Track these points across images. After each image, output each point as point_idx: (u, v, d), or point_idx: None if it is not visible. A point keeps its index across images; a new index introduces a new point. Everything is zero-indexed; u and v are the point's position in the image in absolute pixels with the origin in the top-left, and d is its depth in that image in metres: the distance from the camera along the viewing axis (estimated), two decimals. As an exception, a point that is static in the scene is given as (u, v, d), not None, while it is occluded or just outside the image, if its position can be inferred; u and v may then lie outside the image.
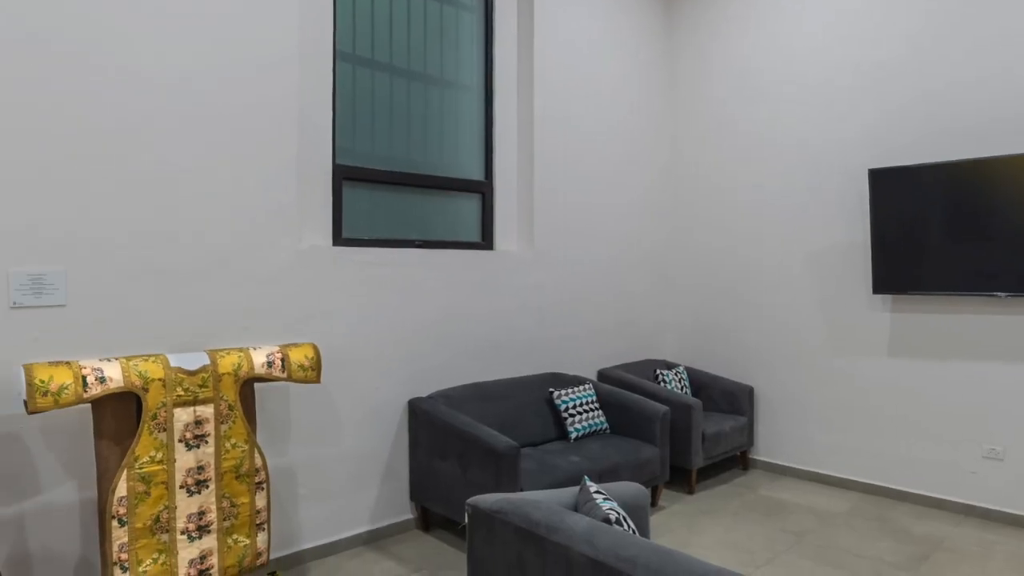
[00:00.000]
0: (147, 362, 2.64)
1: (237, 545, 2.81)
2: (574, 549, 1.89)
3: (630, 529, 2.09)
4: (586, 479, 2.34)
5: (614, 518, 2.05)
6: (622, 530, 1.92)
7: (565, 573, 1.91)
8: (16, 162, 2.62)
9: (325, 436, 3.49)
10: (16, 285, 2.62)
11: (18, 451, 2.65)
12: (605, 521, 2.03)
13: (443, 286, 3.96)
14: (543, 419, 4.10)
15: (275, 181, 3.29)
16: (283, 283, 3.32)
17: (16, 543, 2.65)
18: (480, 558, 2.21)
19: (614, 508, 2.12)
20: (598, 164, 4.89)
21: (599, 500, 2.16)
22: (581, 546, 1.88)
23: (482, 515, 2.20)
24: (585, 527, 1.94)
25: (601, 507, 2.10)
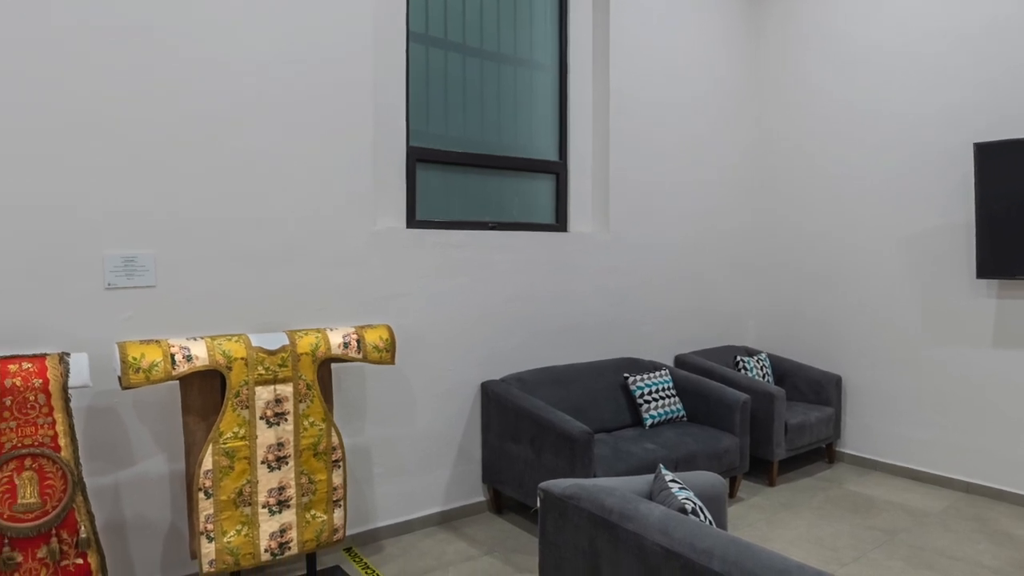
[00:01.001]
0: (230, 341, 2.77)
1: (315, 520, 2.93)
2: (648, 538, 1.88)
3: (706, 520, 2.06)
4: (661, 467, 2.32)
5: (690, 508, 2.02)
6: (698, 521, 1.90)
7: (639, 562, 1.91)
8: (111, 149, 2.78)
9: (399, 416, 3.58)
10: (110, 267, 2.80)
11: (114, 424, 2.84)
12: (680, 511, 2.01)
13: (516, 268, 3.98)
14: (617, 405, 4.08)
15: (351, 165, 3.37)
16: (358, 265, 3.42)
17: (113, 510, 2.85)
18: (552, 543, 2.23)
19: (690, 498, 2.10)
20: (676, 142, 4.79)
21: (674, 489, 2.14)
22: (655, 535, 1.87)
23: (554, 500, 2.22)
24: (660, 516, 1.93)
25: (676, 496, 2.08)
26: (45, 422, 2.39)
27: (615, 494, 2.09)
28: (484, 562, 3.28)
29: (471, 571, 3.19)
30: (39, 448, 2.37)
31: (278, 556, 2.83)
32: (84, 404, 2.76)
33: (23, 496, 2.34)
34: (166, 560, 2.98)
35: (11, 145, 2.60)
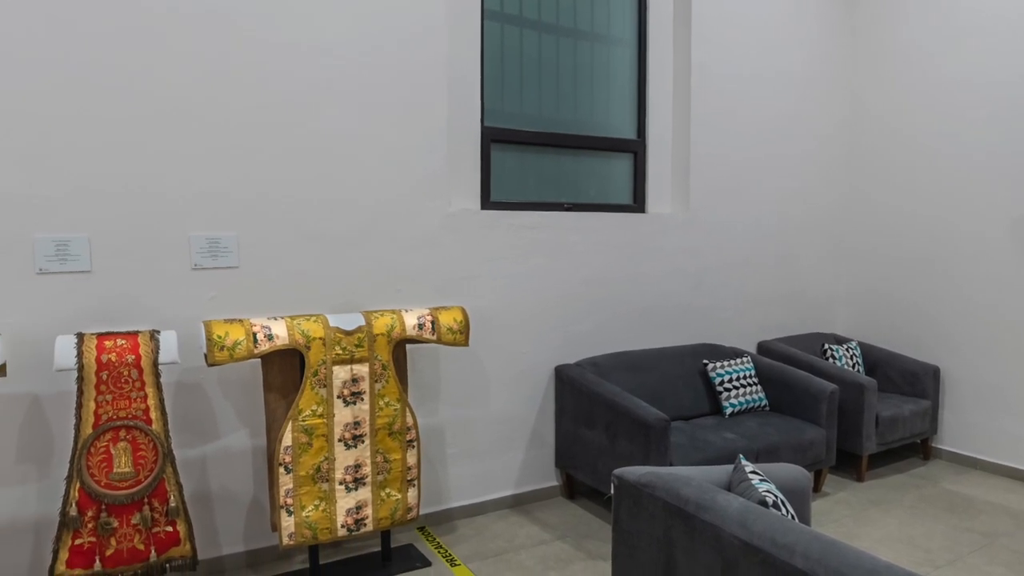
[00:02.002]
0: (309, 321, 2.88)
1: (390, 499, 3.02)
2: (725, 530, 1.86)
3: (788, 514, 2.02)
4: (741, 458, 2.28)
5: (771, 501, 1.99)
6: (779, 514, 1.86)
7: (715, 554, 1.89)
8: (195, 134, 2.92)
9: (473, 398, 3.64)
10: (196, 248, 2.94)
11: (201, 399, 3.01)
12: (761, 504, 1.98)
13: (593, 250, 3.96)
14: (695, 392, 4.03)
15: (425, 146, 3.42)
16: (433, 247, 3.47)
17: (199, 481, 3.02)
18: (626, 531, 2.24)
19: (771, 490, 2.06)
20: (762, 118, 4.64)
21: (755, 481, 2.10)
22: (733, 528, 1.85)
23: (629, 487, 2.22)
24: (738, 508, 1.90)
25: (757, 488, 2.05)
26: (138, 396, 2.54)
27: (692, 484, 2.07)
28: (556, 547, 3.32)
29: (543, 555, 3.23)
30: (133, 420, 2.53)
31: (354, 532, 2.94)
32: (173, 380, 2.92)
33: (118, 465, 2.51)
34: (248, 531, 3.14)
35: (104, 133, 2.76)
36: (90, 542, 2.49)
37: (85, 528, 2.48)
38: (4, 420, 2.69)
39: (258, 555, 3.16)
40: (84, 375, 2.47)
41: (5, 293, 2.66)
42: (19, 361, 2.67)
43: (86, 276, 2.77)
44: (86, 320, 2.77)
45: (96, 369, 2.48)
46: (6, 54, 2.59)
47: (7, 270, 2.65)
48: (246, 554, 3.14)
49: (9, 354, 2.65)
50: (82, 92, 2.72)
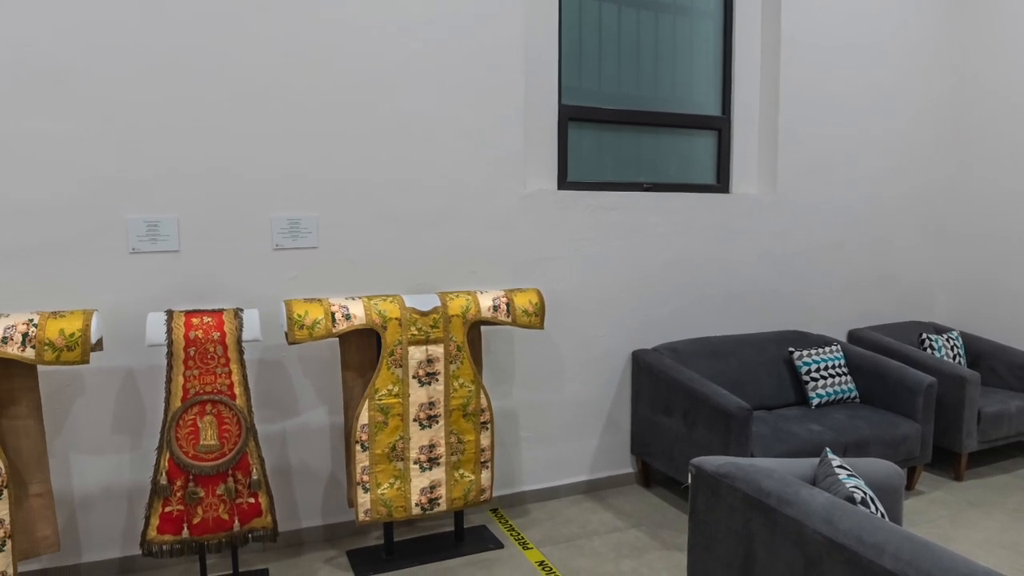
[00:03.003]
0: (385, 302, 2.95)
1: (463, 480, 3.08)
2: (809, 526, 1.82)
3: (878, 512, 1.95)
4: (828, 451, 2.21)
5: (859, 498, 1.93)
6: (868, 512, 1.80)
7: (797, 551, 1.85)
8: (274, 116, 3.01)
9: (547, 382, 3.66)
10: (277, 229, 3.05)
11: (282, 377, 3.13)
12: (848, 500, 1.92)
13: (673, 232, 3.89)
14: (779, 381, 3.92)
15: (501, 125, 3.43)
16: (508, 228, 3.49)
17: (279, 455, 3.16)
18: (703, 522, 2.21)
19: (859, 487, 1.99)
20: (856, 91, 4.43)
21: (842, 476, 2.04)
22: (818, 524, 1.80)
23: (707, 477, 2.19)
24: (823, 503, 1.85)
25: (844, 484, 1.99)
26: (223, 372, 2.67)
27: (774, 476, 2.03)
28: (630, 535, 3.31)
29: (616, 543, 3.23)
30: (218, 395, 2.66)
31: (428, 511, 3.02)
32: (255, 357, 3.05)
33: (204, 438, 2.65)
34: (326, 506, 3.26)
35: (191, 117, 2.89)
36: (179, 510, 2.65)
37: (174, 496, 2.63)
38: (101, 392, 2.88)
39: (335, 529, 3.28)
40: (173, 351, 2.61)
41: (101, 271, 2.83)
42: (114, 336, 2.85)
43: (175, 256, 2.92)
44: (175, 298, 2.93)
45: (184, 345, 2.62)
46: (101, 44, 2.74)
47: (103, 250, 2.82)
48: (323, 528, 3.27)
49: (105, 329, 2.82)
50: (170, 77, 2.85)
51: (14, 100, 2.67)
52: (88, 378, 2.86)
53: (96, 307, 2.80)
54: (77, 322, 2.48)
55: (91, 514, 2.92)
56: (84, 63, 2.73)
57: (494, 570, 2.99)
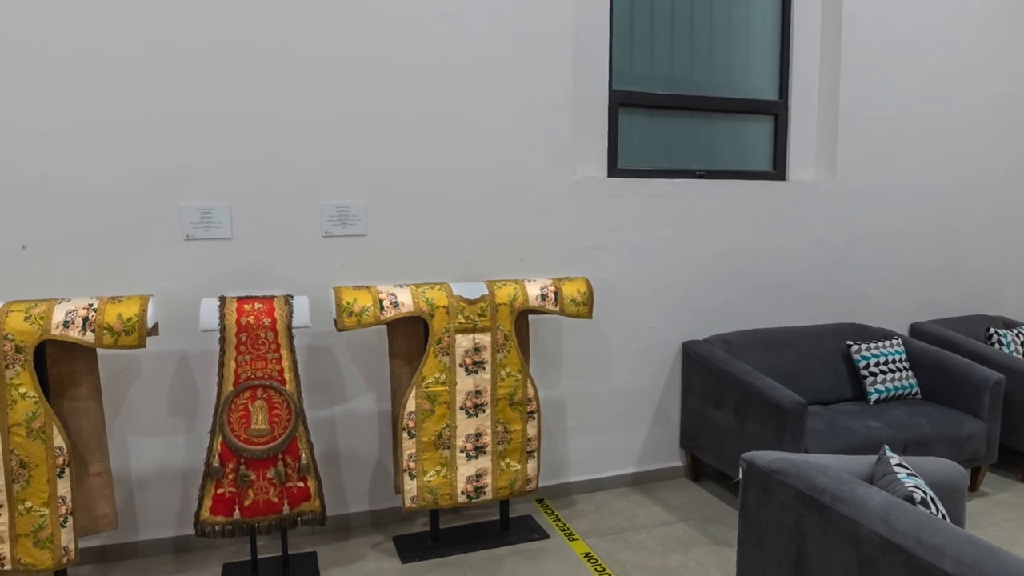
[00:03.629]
0: (433, 290, 2.98)
1: (509, 469, 3.10)
2: (865, 525, 1.78)
3: (938, 513, 1.90)
4: (886, 449, 2.16)
5: (919, 497, 1.88)
6: (927, 512, 1.76)
7: (852, 550, 1.82)
8: (323, 104, 3.06)
9: (595, 372, 3.65)
10: (327, 217, 3.11)
11: (330, 363, 3.20)
12: (907, 499, 1.87)
13: (726, 220, 3.83)
14: (836, 375, 3.84)
15: (550, 112, 3.42)
16: (557, 216, 3.48)
17: (328, 441, 3.23)
18: (753, 518, 2.19)
19: (919, 486, 1.94)
20: (921, 74, 4.27)
21: (901, 475, 1.99)
22: (874, 523, 1.77)
23: (758, 473, 2.16)
24: (880, 502, 1.81)
25: (903, 483, 1.94)
26: (273, 357, 2.74)
27: (828, 473, 1.99)
28: (678, 529, 3.29)
29: (664, 536, 3.22)
30: (269, 380, 2.73)
31: (473, 499, 3.05)
32: (305, 343, 3.12)
33: (255, 422, 2.73)
34: (373, 492, 3.33)
35: (242, 106, 2.95)
36: (230, 492, 2.73)
37: (226, 479, 2.72)
38: (157, 376, 2.99)
39: (382, 515, 3.34)
40: (226, 336, 2.69)
41: (157, 258, 2.92)
42: (169, 321, 2.94)
43: (227, 243, 3.00)
44: (227, 284, 3.01)
45: (236, 331, 2.69)
46: (155, 36, 2.82)
47: (158, 237, 2.92)
48: (370, 513, 3.33)
49: (161, 314, 2.92)
50: (223, 68, 2.91)
51: (73, 92, 2.77)
52: (145, 362, 2.96)
53: (152, 293, 2.90)
54: (134, 307, 2.57)
55: (147, 494, 3.04)
56: (139, 55, 2.81)
57: (540, 560, 3.02)
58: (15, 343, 2.44)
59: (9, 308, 2.49)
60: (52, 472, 2.51)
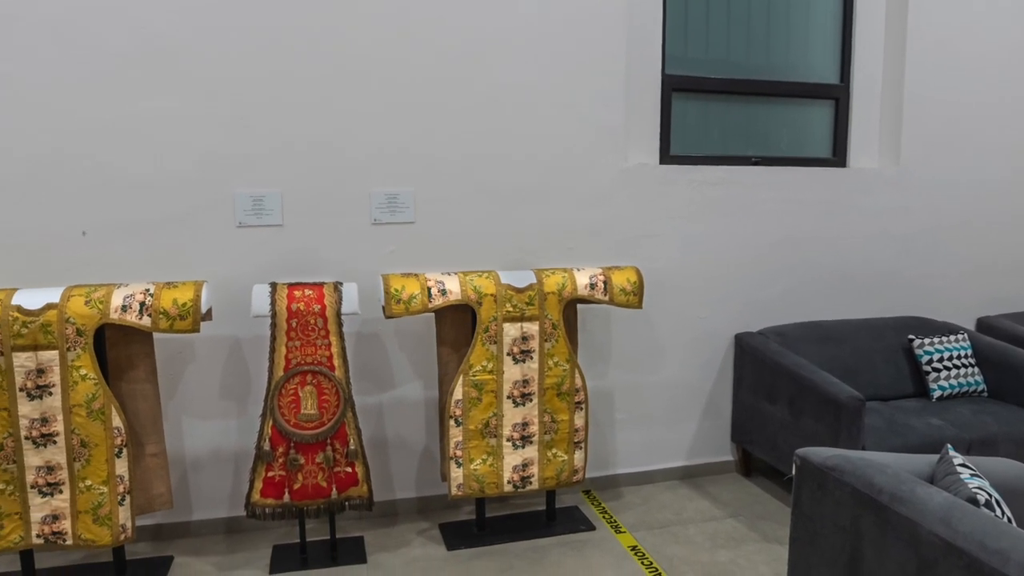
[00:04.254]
0: (481, 277, 3.00)
1: (556, 459, 3.11)
2: (924, 527, 1.74)
3: (1004, 516, 1.85)
4: (949, 448, 2.10)
5: (982, 499, 1.82)
6: (991, 515, 1.71)
7: (910, 552, 1.78)
8: (377, 90, 3.09)
9: (644, 363, 3.63)
10: (376, 204, 3.15)
11: (379, 350, 3.25)
12: (970, 501, 1.82)
13: (783, 209, 3.75)
14: (896, 371, 3.74)
15: (601, 97, 3.39)
16: (607, 203, 3.46)
17: (376, 427, 3.28)
18: (807, 516, 2.16)
19: (984, 488, 1.89)
20: (993, 56, 4.09)
21: (964, 476, 1.93)
22: (934, 525, 1.72)
23: (813, 469, 2.13)
24: (941, 503, 1.76)
25: (966, 484, 1.88)
26: (323, 343, 2.80)
27: (887, 472, 1.95)
28: (727, 524, 3.26)
29: (713, 532, 3.19)
30: (318, 366, 2.79)
31: (520, 489, 3.07)
32: (353, 330, 3.17)
33: (305, 407, 2.79)
34: (420, 478, 3.38)
35: (293, 92, 3.00)
36: (280, 475, 2.80)
37: (276, 462, 2.79)
38: (210, 360, 3.08)
39: (428, 502, 3.39)
40: (277, 322, 2.75)
41: (211, 244, 3.01)
42: (222, 307, 3.02)
43: (278, 230, 3.07)
44: (278, 270, 3.07)
45: (287, 317, 2.75)
46: (210, 24, 2.89)
47: (212, 223, 3.00)
48: (417, 500, 3.38)
49: (214, 300, 3.00)
50: (276, 54, 2.97)
51: (132, 81, 2.85)
52: (199, 346, 3.06)
53: (206, 278, 2.97)
54: (189, 292, 2.65)
55: (201, 475, 3.14)
56: (195, 43, 2.89)
57: (585, 552, 3.02)
58: (76, 326, 2.54)
59: (71, 292, 2.59)
60: (111, 452, 2.61)
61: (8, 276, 2.82)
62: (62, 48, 2.79)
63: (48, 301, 2.55)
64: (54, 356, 2.54)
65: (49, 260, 2.88)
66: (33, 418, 2.56)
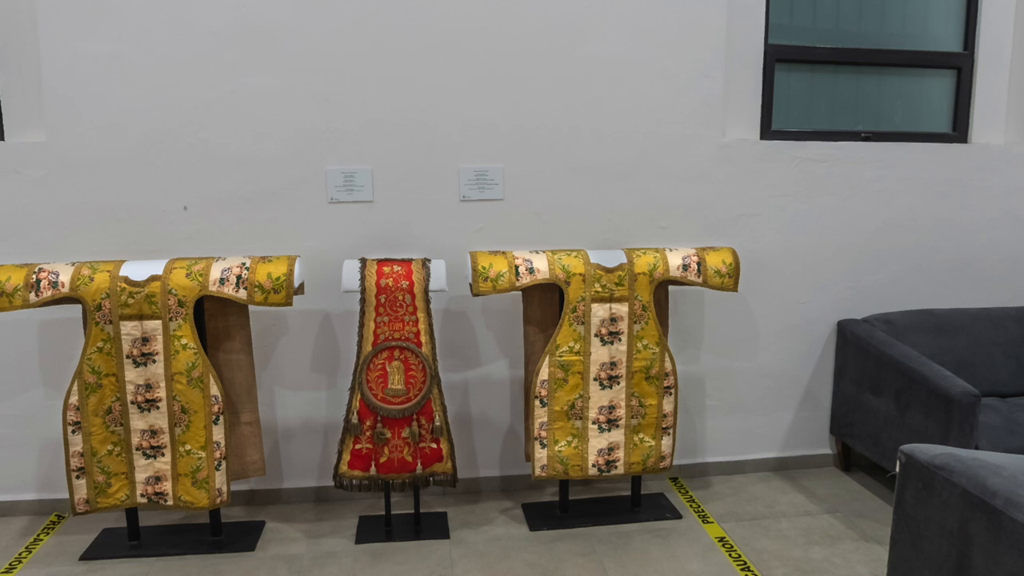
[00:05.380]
0: (569, 256, 3.00)
1: (642, 444, 3.10)
2: (1044, 535, 1.65)
3: None
4: (1074, 451, 1.98)
5: (1112, 509, 1.71)
6: (1123, 527, 1.60)
7: (1027, 560, 1.69)
8: (467, 64, 3.12)
9: (739, 348, 3.56)
10: (465, 180, 3.19)
11: (465, 327, 3.30)
12: (1097, 510, 1.71)
13: (894, 188, 3.57)
14: (1018, 366, 3.53)
15: (699, 69, 3.30)
16: (703, 181, 3.39)
17: (461, 404, 3.35)
18: (910, 516, 2.08)
19: (1114, 496, 1.77)
20: None
21: (1091, 482, 1.82)
22: (1055, 533, 1.63)
23: (919, 468, 2.05)
24: (1064, 511, 1.67)
25: (1093, 491, 1.77)
26: (410, 320, 2.87)
27: (1003, 474, 1.85)
28: (823, 520, 3.17)
29: (807, 527, 3.11)
30: (405, 342, 2.87)
31: (604, 473, 3.08)
32: (441, 307, 3.24)
33: (392, 382, 2.88)
34: (504, 458, 3.43)
35: (385, 68, 3.06)
36: (367, 448, 2.91)
37: (364, 435, 2.89)
38: (302, 333, 3.21)
39: (511, 481, 3.45)
40: (366, 297, 2.84)
41: (304, 220, 3.12)
42: (314, 281, 3.14)
43: (368, 206, 3.15)
44: (368, 246, 3.16)
45: (376, 292, 2.84)
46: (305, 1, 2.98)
47: (306, 199, 3.11)
48: (500, 479, 3.44)
49: (306, 274, 3.12)
50: (369, 30, 3.03)
51: (232, 59, 2.98)
52: (291, 319, 3.19)
53: (299, 253, 3.10)
54: (282, 267, 2.77)
55: (292, 444, 3.29)
56: (292, 20, 2.98)
57: (671, 540, 3.01)
58: (178, 297, 2.69)
59: (173, 265, 2.75)
60: (208, 419, 2.77)
61: (116, 248, 3.02)
62: (167, 28, 2.94)
63: (152, 273, 2.71)
64: (157, 326, 2.71)
65: (153, 233, 3.06)
66: (138, 384, 2.74)
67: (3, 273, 2.70)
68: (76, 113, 2.96)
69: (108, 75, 2.95)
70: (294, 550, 2.94)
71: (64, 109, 2.96)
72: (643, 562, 2.85)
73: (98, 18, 2.91)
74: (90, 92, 2.95)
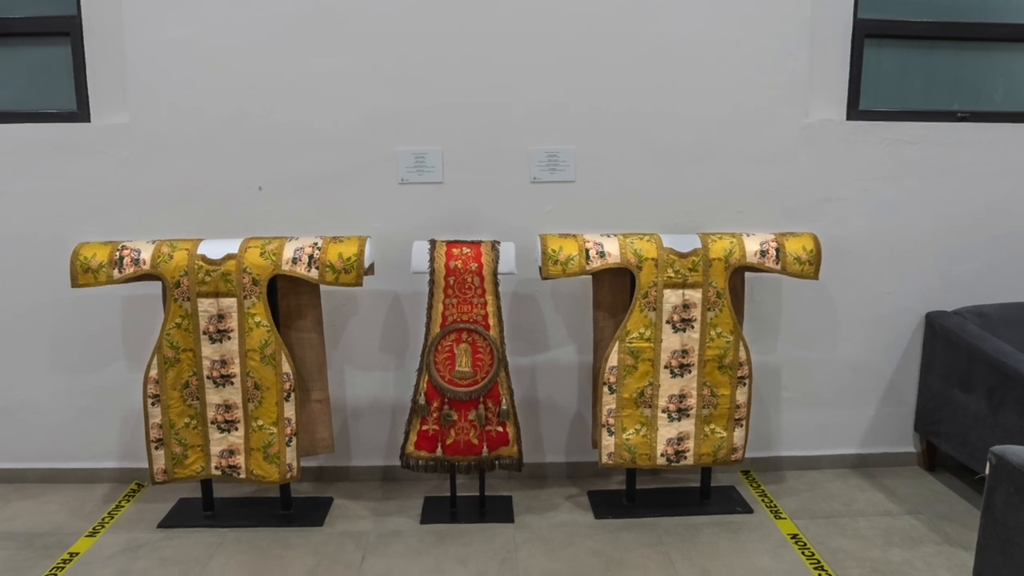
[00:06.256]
0: (642, 240, 2.97)
1: (713, 435, 3.07)
2: None
3: None
4: None
5: None
6: None
7: None
8: (537, 44, 3.11)
9: (818, 339, 3.47)
10: (535, 162, 3.19)
11: (534, 311, 3.32)
12: None
13: (992, 172, 3.41)
14: None
15: (781, 46, 3.21)
16: (784, 163, 3.30)
17: (528, 389, 3.38)
18: (999, 520, 2.00)
19: None
20: None
21: None
22: None
23: (1011, 470, 1.97)
24: None
25: None
26: (479, 302, 2.90)
27: (1104, 480, 1.77)
28: (903, 521, 3.08)
29: (886, 528, 3.03)
30: (473, 324, 2.90)
31: (673, 463, 3.06)
32: (509, 290, 3.26)
33: (459, 365, 2.92)
34: (570, 444, 3.45)
35: (455, 48, 3.09)
36: (434, 430, 2.96)
37: (431, 417, 2.95)
38: (372, 313, 3.29)
39: (578, 468, 3.46)
40: (435, 279, 2.89)
41: (375, 201, 3.19)
42: (383, 262, 3.21)
43: (438, 187, 3.19)
44: (437, 227, 3.21)
45: (445, 274, 2.88)
46: (380, -25, 3.02)
47: (376, 180, 3.17)
48: (566, 465, 3.46)
49: (376, 255, 3.18)
50: (439, 10, 3.06)
51: (302, 40, 3.06)
52: (361, 299, 3.27)
53: (369, 234, 3.16)
54: (353, 247, 2.83)
55: (360, 423, 3.39)
56: (362, 1, 3.03)
57: (741, 535, 2.97)
58: (252, 276, 2.79)
59: (248, 244, 2.85)
60: (280, 395, 2.88)
61: (194, 227, 3.15)
62: (242, 12, 3.03)
63: (228, 252, 2.82)
64: (232, 303, 2.81)
65: (229, 213, 3.18)
66: (214, 359, 2.86)
67: (89, 250, 2.85)
68: (156, 96, 3.09)
69: (186, 59, 3.06)
70: (361, 527, 3.03)
71: (145, 92, 3.09)
72: (711, 556, 2.82)
73: (177, 4, 3.02)
74: (169, 76, 3.08)
